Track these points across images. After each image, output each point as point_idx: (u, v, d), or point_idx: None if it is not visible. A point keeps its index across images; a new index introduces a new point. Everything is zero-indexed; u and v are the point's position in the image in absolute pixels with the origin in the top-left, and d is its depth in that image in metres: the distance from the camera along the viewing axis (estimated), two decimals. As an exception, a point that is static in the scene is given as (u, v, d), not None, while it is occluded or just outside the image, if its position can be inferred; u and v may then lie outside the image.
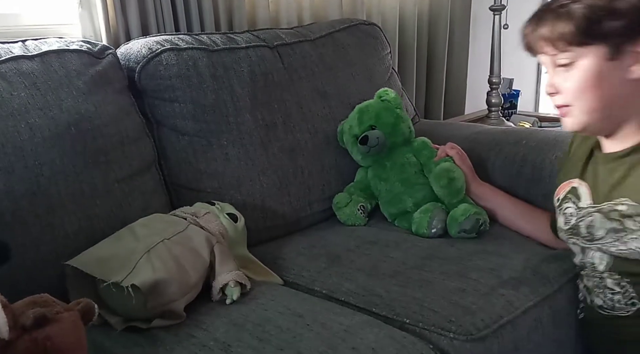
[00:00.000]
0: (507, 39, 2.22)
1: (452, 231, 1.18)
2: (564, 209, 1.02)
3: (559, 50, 0.88)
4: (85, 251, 0.93)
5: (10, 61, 1.02)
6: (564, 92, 0.91)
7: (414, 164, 1.28)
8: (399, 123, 1.31)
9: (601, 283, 0.96)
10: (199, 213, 1.04)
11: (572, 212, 0.99)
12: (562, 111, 0.93)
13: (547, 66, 0.92)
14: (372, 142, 1.28)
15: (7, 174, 0.94)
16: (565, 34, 0.87)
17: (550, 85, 0.92)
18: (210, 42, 1.28)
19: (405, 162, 1.29)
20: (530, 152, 1.33)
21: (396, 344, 0.83)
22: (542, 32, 0.89)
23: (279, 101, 1.32)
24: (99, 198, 1.03)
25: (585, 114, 0.90)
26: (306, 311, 0.90)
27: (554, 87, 0.92)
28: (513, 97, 2.45)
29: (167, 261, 0.89)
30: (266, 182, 1.26)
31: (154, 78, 1.20)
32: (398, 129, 1.30)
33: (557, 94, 0.92)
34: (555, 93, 0.92)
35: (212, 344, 0.83)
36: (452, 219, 1.18)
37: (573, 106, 0.91)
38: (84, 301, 0.71)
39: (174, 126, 1.22)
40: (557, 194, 1.05)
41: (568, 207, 1.00)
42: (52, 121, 1.00)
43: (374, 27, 1.62)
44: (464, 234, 1.17)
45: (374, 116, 1.30)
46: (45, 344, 0.63)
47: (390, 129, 1.30)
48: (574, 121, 0.92)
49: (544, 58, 0.92)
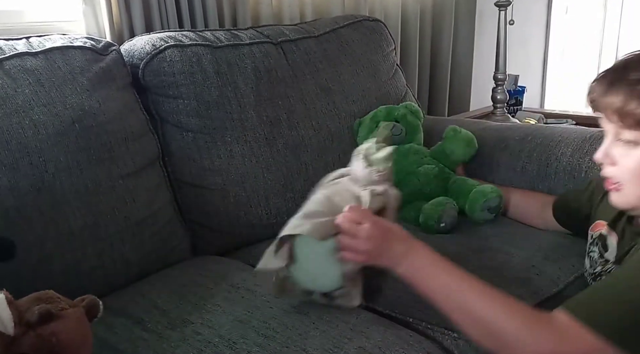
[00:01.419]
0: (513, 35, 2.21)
1: (474, 206, 1.20)
2: (590, 252, 0.99)
3: (626, 126, 0.81)
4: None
5: (14, 58, 1.02)
6: (620, 168, 0.84)
7: (423, 152, 1.35)
8: (419, 131, 1.41)
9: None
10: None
11: (596, 259, 0.96)
12: (612, 185, 0.87)
13: (608, 133, 0.85)
14: (396, 131, 1.35)
15: (12, 170, 0.94)
16: (638, 115, 0.79)
17: (606, 154, 0.85)
18: (214, 38, 1.28)
19: (414, 149, 1.35)
20: (535, 149, 1.33)
21: (403, 343, 0.82)
22: (612, 100, 0.81)
23: (283, 97, 1.32)
24: (103, 194, 1.03)
25: (636, 198, 0.85)
26: (311, 309, 0.90)
27: (610, 157, 0.84)
28: (518, 93, 2.44)
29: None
30: (270, 178, 1.25)
31: (157, 75, 1.20)
32: (417, 134, 1.40)
33: (610, 165, 0.85)
34: (608, 163, 0.85)
35: (217, 341, 0.83)
36: (479, 193, 1.20)
37: (626, 186, 0.85)
38: (88, 297, 0.71)
39: (178, 122, 1.21)
40: (592, 230, 1.01)
41: (593, 251, 0.98)
42: (56, 117, 1.00)
43: (378, 23, 1.61)
44: (486, 213, 1.19)
45: (402, 115, 1.39)
46: (51, 340, 0.63)
47: (413, 130, 1.38)
48: (623, 199, 0.86)
49: (607, 125, 0.84)
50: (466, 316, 0.81)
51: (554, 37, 3.00)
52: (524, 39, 2.68)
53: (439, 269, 0.84)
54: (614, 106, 0.81)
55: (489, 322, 0.79)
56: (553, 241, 1.13)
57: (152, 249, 1.10)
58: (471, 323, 0.81)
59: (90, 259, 1.00)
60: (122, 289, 1.03)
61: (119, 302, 0.97)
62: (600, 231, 0.98)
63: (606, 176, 0.87)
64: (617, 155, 0.84)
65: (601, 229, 0.98)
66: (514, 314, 0.79)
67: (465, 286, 0.82)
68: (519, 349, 0.77)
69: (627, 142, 0.82)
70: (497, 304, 0.80)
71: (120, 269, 1.05)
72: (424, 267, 0.84)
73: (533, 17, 2.78)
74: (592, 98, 0.86)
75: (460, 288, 0.82)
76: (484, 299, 0.81)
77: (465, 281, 0.82)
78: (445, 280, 0.83)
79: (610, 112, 0.82)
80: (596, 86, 0.85)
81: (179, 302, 0.95)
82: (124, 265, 1.05)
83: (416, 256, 0.85)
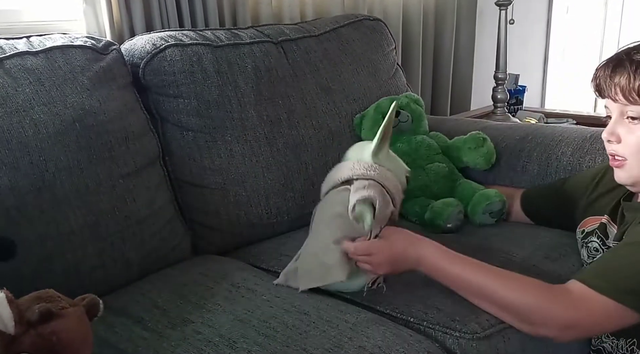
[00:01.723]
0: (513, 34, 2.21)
1: (476, 209, 1.19)
2: (588, 243, 1.02)
3: (631, 102, 0.87)
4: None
5: (14, 57, 1.02)
6: (626, 144, 0.90)
7: (435, 148, 1.34)
8: (424, 118, 1.41)
9: None
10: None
11: (597, 248, 1.00)
12: (617, 162, 0.92)
13: (613, 113, 0.91)
14: (403, 118, 1.35)
15: (12, 169, 0.94)
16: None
17: (611, 132, 0.91)
18: (214, 37, 1.28)
19: (427, 143, 1.34)
20: (536, 149, 1.33)
21: (403, 343, 0.82)
22: (618, 80, 0.88)
23: (283, 97, 1.32)
24: (104, 194, 1.03)
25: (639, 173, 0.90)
26: (312, 309, 0.90)
27: (615, 135, 0.90)
28: (519, 93, 2.44)
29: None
30: (270, 178, 1.25)
31: (158, 74, 1.20)
32: (423, 120, 1.40)
33: (616, 142, 0.91)
34: (614, 141, 0.91)
35: (218, 341, 0.83)
36: (483, 196, 1.19)
37: (629, 160, 0.90)
38: (88, 296, 0.71)
39: (178, 121, 1.21)
40: (582, 227, 1.06)
41: (593, 241, 1.01)
42: (57, 116, 1.00)
43: (378, 22, 1.61)
44: (487, 217, 1.18)
45: (405, 103, 1.39)
46: (51, 339, 0.63)
47: (418, 116, 1.38)
48: (628, 175, 0.92)
49: (612, 105, 0.91)
50: (487, 299, 0.88)
51: (554, 37, 2.99)
52: (524, 39, 2.68)
53: (451, 262, 0.91)
54: (620, 84, 0.87)
55: (509, 301, 0.86)
56: (553, 240, 1.14)
57: (152, 248, 1.10)
58: (493, 304, 0.88)
59: (91, 259, 1.00)
60: (123, 289, 1.03)
61: (120, 301, 0.97)
62: (601, 222, 1.01)
63: (611, 154, 0.92)
64: (622, 132, 0.89)
65: (594, 224, 1.03)
66: (530, 290, 0.86)
67: (480, 272, 0.89)
68: (539, 320, 0.83)
69: (632, 119, 0.88)
70: (513, 284, 0.87)
71: (121, 269, 1.05)
72: (437, 263, 0.91)
73: (534, 16, 2.78)
74: (598, 83, 0.92)
75: (476, 275, 0.89)
76: (500, 281, 0.88)
77: (478, 267, 0.90)
78: (459, 270, 0.90)
79: (615, 92, 0.88)
80: (601, 70, 0.91)
81: (180, 301, 0.95)
82: (124, 264, 1.05)
83: (428, 256, 0.92)
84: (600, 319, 0.83)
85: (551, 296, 0.84)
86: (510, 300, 0.86)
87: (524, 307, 0.85)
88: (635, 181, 0.92)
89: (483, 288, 0.88)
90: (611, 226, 0.99)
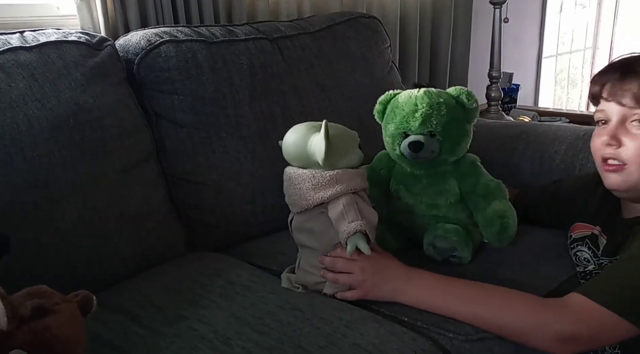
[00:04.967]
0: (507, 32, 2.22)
1: (426, 238, 1.06)
2: (577, 251, 1.02)
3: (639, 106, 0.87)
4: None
5: (8, 52, 1.01)
6: (627, 148, 0.89)
7: (453, 194, 1.06)
8: (462, 142, 1.05)
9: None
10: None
11: (588, 258, 0.99)
12: (613, 167, 0.91)
13: (613, 117, 0.90)
14: (425, 154, 1.01)
15: (6, 165, 0.93)
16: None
17: (612, 136, 0.89)
18: (209, 34, 1.27)
19: (443, 189, 1.06)
20: (529, 147, 1.33)
21: (397, 340, 0.82)
22: (630, 86, 0.88)
23: (278, 94, 1.32)
24: (98, 189, 1.03)
25: (638, 179, 0.89)
26: (306, 306, 0.90)
27: (616, 139, 0.89)
28: (513, 91, 2.45)
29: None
30: (265, 174, 1.25)
31: (152, 70, 1.19)
32: (458, 149, 1.05)
33: (616, 147, 0.89)
34: (614, 145, 0.90)
35: (212, 337, 0.83)
36: (435, 228, 1.05)
37: (630, 165, 0.89)
38: (82, 292, 0.70)
39: (173, 118, 1.21)
40: (572, 231, 1.05)
41: (582, 251, 1.00)
42: (51, 112, 1.00)
43: (374, 20, 1.61)
44: (430, 249, 1.04)
45: (443, 124, 1.00)
46: (45, 335, 0.63)
47: (450, 147, 1.03)
48: (624, 179, 0.90)
49: (614, 109, 0.90)
50: (481, 324, 0.86)
51: (548, 35, 3.01)
52: (518, 37, 2.69)
53: (435, 293, 0.90)
54: (632, 90, 0.87)
55: (503, 323, 0.85)
56: (547, 240, 1.13)
57: (147, 244, 1.10)
58: (489, 328, 0.86)
59: (86, 255, 1.00)
60: (117, 285, 1.03)
61: (114, 298, 0.97)
62: (592, 232, 1.00)
63: (607, 157, 0.91)
64: (623, 137, 0.89)
65: (584, 231, 1.02)
66: (524, 308, 0.84)
67: (467, 299, 0.88)
68: (539, 337, 0.82)
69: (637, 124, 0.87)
70: (505, 305, 0.86)
71: (116, 265, 1.04)
72: (420, 295, 0.90)
73: (528, 15, 2.79)
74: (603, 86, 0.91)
75: (463, 302, 0.88)
76: (490, 304, 0.87)
77: (464, 294, 0.89)
78: (443, 301, 0.89)
79: (625, 95, 0.88)
80: (611, 73, 0.91)
81: (174, 298, 0.95)
82: (119, 261, 1.05)
83: (412, 287, 0.91)
84: (600, 332, 0.81)
85: (548, 312, 0.83)
86: (505, 322, 0.85)
87: (520, 327, 0.84)
88: (631, 186, 0.90)
89: (476, 318, 0.86)
90: (602, 238, 0.98)
